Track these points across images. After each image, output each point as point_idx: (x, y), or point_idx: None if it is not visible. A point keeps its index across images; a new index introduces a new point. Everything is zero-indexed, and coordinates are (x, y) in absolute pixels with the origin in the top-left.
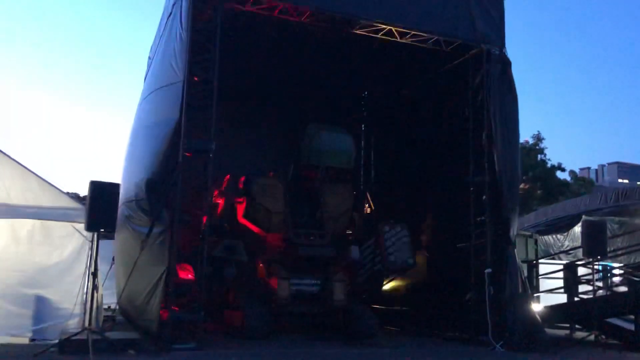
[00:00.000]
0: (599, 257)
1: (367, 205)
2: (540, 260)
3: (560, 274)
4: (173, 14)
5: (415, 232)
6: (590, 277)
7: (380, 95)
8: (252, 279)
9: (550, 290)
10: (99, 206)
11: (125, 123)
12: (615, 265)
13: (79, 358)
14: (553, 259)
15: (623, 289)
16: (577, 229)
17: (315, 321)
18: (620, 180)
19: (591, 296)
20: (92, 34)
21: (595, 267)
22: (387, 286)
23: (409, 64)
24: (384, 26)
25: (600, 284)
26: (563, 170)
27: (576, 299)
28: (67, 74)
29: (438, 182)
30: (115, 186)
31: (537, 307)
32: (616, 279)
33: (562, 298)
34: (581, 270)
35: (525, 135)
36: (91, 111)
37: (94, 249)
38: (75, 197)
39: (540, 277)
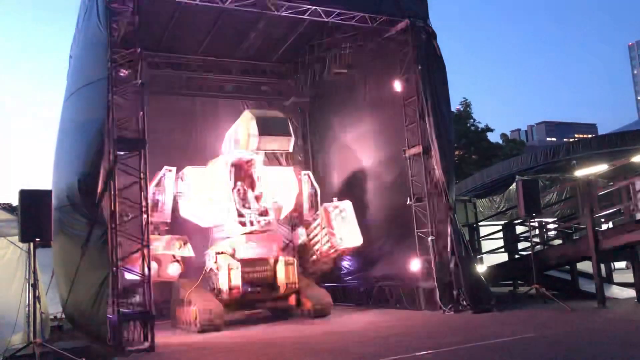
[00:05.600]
0: (534, 214)
1: (310, 186)
2: (480, 223)
3: (500, 234)
4: (89, 8)
5: (360, 209)
6: (527, 234)
7: (315, 77)
8: (201, 273)
9: (492, 251)
10: (32, 215)
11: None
12: (549, 220)
13: None
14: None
15: (558, 242)
16: (512, 189)
17: (269, 306)
18: (548, 139)
19: (529, 252)
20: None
21: (532, 224)
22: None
23: (341, 43)
24: (310, 6)
25: (537, 239)
26: (491, 130)
27: (516, 256)
28: None
29: (377, 156)
30: (47, 193)
31: (481, 268)
32: (551, 234)
33: (503, 257)
34: (519, 229)
35: (455, 102)
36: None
37: (32, 260)
38: (8, 208)
39: (481, 239)
